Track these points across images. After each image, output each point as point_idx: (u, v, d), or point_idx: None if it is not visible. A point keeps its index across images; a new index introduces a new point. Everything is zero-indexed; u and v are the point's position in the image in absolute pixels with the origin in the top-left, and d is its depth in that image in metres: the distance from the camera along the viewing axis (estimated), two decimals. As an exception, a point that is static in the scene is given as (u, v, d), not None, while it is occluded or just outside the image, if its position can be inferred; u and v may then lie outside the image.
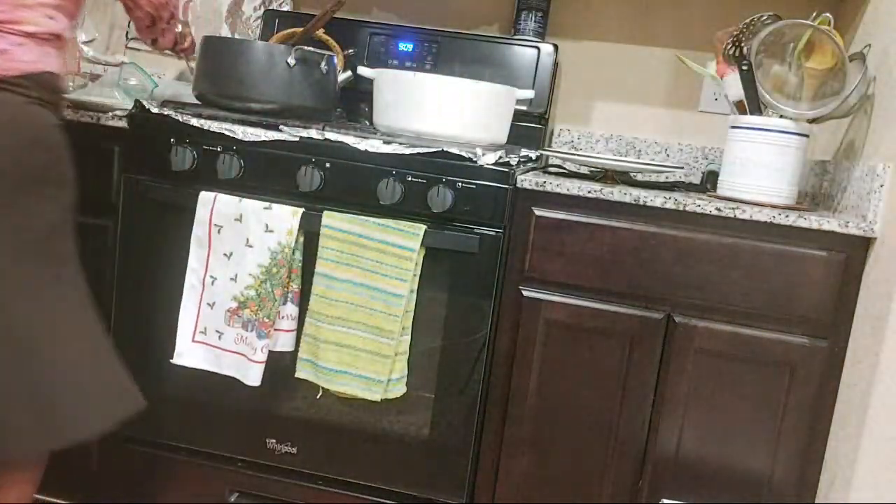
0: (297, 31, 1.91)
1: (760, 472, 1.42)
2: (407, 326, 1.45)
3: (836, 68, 1.47)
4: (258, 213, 1.45)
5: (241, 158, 1.48)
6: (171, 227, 1.53)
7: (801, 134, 1.46)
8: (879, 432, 1.28)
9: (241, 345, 1.48)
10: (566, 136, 2.04)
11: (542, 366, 1.48)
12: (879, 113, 1.45)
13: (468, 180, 1.42)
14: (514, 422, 1.50)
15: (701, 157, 1.97)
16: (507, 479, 1.51)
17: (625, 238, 1.42)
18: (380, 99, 1.56)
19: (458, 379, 1.47)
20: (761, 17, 1.50)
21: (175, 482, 1.62)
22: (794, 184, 1.47)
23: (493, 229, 1.43)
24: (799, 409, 1.39)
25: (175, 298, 1.52)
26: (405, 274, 1.41)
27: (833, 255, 1.35)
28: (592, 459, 1.48)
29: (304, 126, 1.51)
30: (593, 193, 1.42)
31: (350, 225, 1.43)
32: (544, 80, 1.88)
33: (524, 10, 1.93)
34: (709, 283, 1.40)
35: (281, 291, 1.45)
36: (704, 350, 1.41)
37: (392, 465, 1.52)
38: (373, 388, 1.44)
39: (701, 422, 1.43)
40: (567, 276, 1.45)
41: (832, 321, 1.37)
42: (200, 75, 1.58)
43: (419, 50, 1.94)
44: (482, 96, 1.51)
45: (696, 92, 1.98)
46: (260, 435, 1.56)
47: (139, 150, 1.53)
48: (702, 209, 1.38)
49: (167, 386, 1.58)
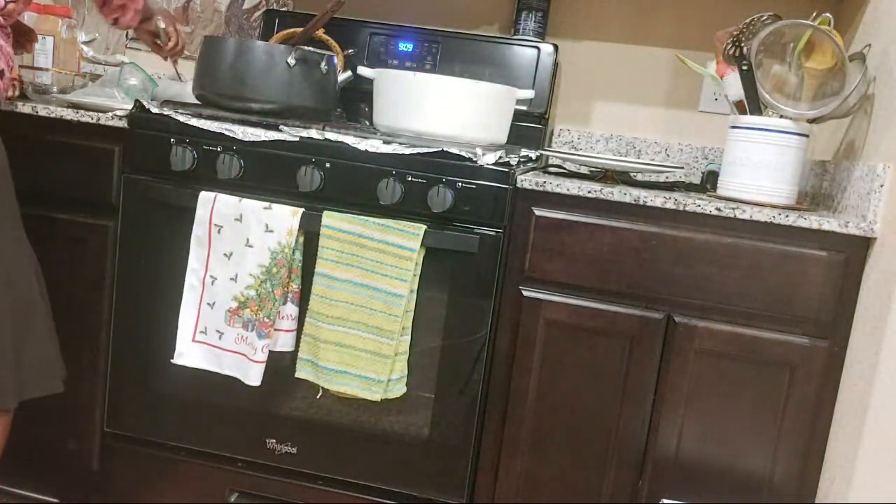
0: (297, 31, 1.91)
1: (760, 472, 1.42)
2: (407, 326, 1.45)
3: (836, 68, 1.47)
4: (258, 213, 1.45)
5: (241, 158, 1.48)
6: (171, 227, 1.53)
7: (801, 134, 1.46)
8: (879, 432, 1.28)
9: (242, 345, 1.48)
10: (566, 136, 2.04)
11: (542, 366, 1.48)
12: (879, 113, 1.45)
13: (468, 180, 1.42)
14: (514, 422, 1.50)
15: (701, 157, 1.97)
16: (507, 479, 1.51)
17: (625, 238, 1.42)
18: (380, 99, 1.56)
19: (458, 379, 1.47)
20: (761, 17, 1.50)
21: (175, 482, 1.62)
22: (794, 184, 1.47)
23: (493, 229, 1.43)
24: (799, 409, 1.39)
25: (175, 298, 1.52)
26: (405, 274, 1.41)
27: (833, 255, 1.35)
28: (592, 459, 1.48)
29: (304, 126, 1.51)
30: (593, 193, 1.42)
31: (350, 225, 1.43)
32: (544, 80, 1.88)
33: (524, 10, 1.93)
34: (709, 283, 1.40)
35: (281, 291, 1.45)
36: (704, 350, 1.41)
37: (392, 465, 1.52)
38: (373, 388, 1.44)
39: (701, 422, 1.43)
40: (567, 276, 1.45)
41: (832, 321, 1.37)
42: (200, 75, 1.58)
43: (419, 50, 1.94)
44: (482, 96, 1.51)
45: (696, 92, 1.98)
46: (260, 435, 1.56)
47: (139, 150, 1.53)
48: (702, 209, 1.38)
49: (167, 386, 1.58)
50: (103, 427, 1.64)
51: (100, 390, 1.64)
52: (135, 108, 1.54)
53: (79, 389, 1.63)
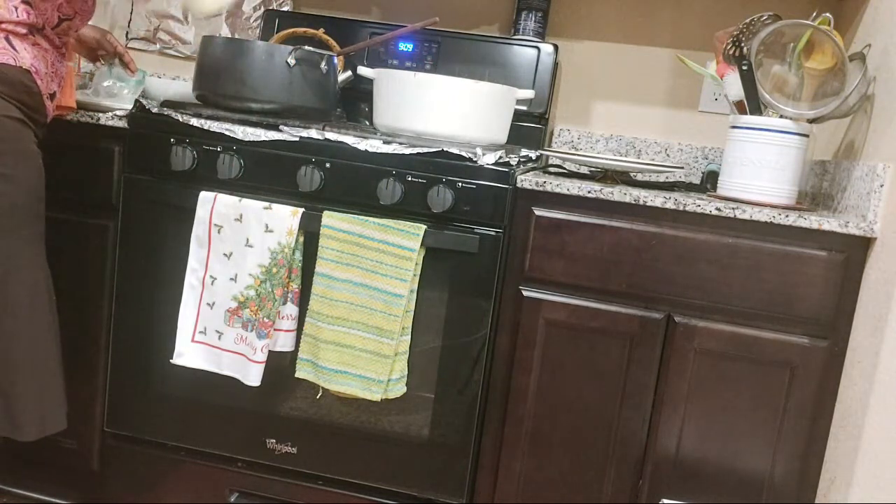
0: (297, 32, 1.91)
1: (760, 472, 1.42)
2: (407, 326, 1.45)
3: (836, 68, 1.47)
4: (258, 212, 1.45)
5: (241, 158, 1.48)
6: (171, 227, 1.53)
7: (801, 134, 1.46)
8: (879, 432, 1.28)
9: (241, 345, 1.48)
10: (566, 136, 2.04)
11: (542, 366, 1.48)
12: (879, 113, 1.45)
13: (468, 180, 1.42)
14: (514, 422, 1.50)
15: (701, 157, 1.97)
16: (507, 479, 1.51)
17: (625, 238, 1.42)
18: (380, 99, 1.56)
19: (458, 379, 1.47)
20: (761, 17, 1.50)
21: (175, 482, 1.62)
22: (794, 184, 1.47)
23: (493, 229, 1.43)
24: (799, 409, 1.39)
25: (175, 298, 1.52)
26: (405, 274, 1.41)
27: (833, 255, 1.35)
28: (592, 459, 1.48)
29: (304, 126, 1.51)
30: (593, 193, 1.42)
31: (350, 225, 1.43)
32: (544, 80, 1.88)
33: (524, 10, 1.93)
34: (709, 283, 1.40)
35: (281, 291, 1.45)
36: (704, 350, 1.41)
37: (392, 465, 1.52)
38: (373, 388, 1.44)
39: (701, 422, 1.43)
40: (567, 276, 1.45)
41: (832, 321, 1.37)
42: (200, 75, 1.58)
43: (419, 50, 1.94)
44: (482, 96, 1.51)
45: (696, 92, 1.98)
46: (260, 435, 1.56)
47: (139, 150, 1.53)
48: (702, 209, 1.38)
49: (167, 386, 1.58)
50: (103, 427, 1.64)
51: (100, 390, 1.64)
52: (135, 108, 1.54)
53: (79, 389, 1.64)
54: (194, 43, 2.20)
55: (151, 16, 2.21)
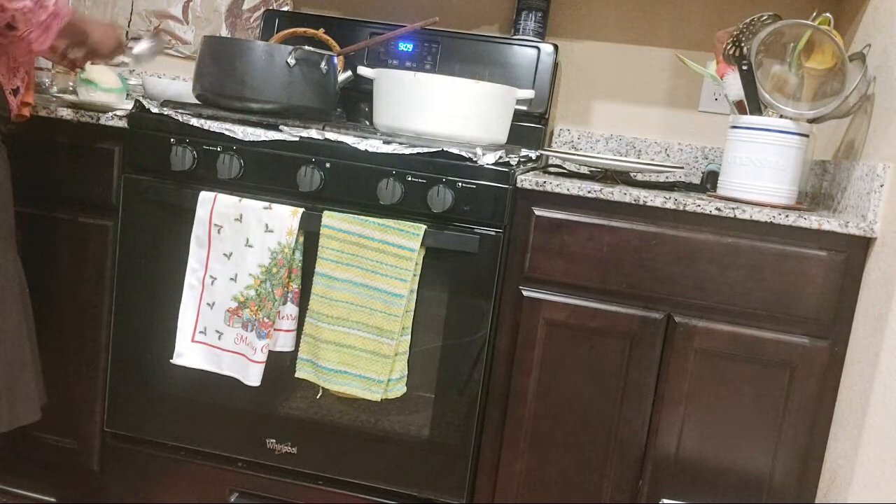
0: (297, 32, 1.91)
1: (760, 472, 1.42)
2: (407, 326, 1.45)
3: (836, 68, 1.47)
4: (258, 212, 1.45)
5: (241, 158, 1.48)
6: (171, 227, 1.53)
7: (801, 134, 1.46)
8: (879, 432, 1.28)
9: (241, 345, 1.48)
10: (566, 136, 2.04)
11: (542, 366, 1.48)
12: (879, 113, 1.45)
13: (468, 180, 1.42)
14: (514, 422, 1.50)
15: (701, 157, 1.97)
16: (507, 479, 1.51)
17: (625, 238, 1.42)
18: (380, 99, 1.56)
19: (458, 379, 1.47)
20: (761, 17, 1.50)
21: (175, 482, 1.62)
22: (794, 184, 1.47)
23: (493, 229, 1.43)
24: (799, 409, 1.39)
25: (175, 298, 1.52)
26: (405, 274, 1.41)
27: (833, 255, 1.35)
28: (592, 459, 1.48)
29: (304, 126, 1.51)
30: (593, 193, 1.42)
31: (350, 225, 1.43)
32: (544, 80, 1.88)
33: (524, 10, 1.93)
34: (709, 283, 1.40)
35: (281, 291, 1.45)
36: (704, 350, 1.41)
37: (392, 465, 1.52)
38: (373, 388, 1.44)
39: (701, 422, 1.43)
40: (567, 276, 1.45)
41: (832, 321, 1.37)
42: (200, 75, 1.58)
43: (419, 50, 1.94)
44: (482, 96, 1.51)
45: (696, 92, 1.98)
46: (260, 435, 1.56)
47: (139, 150, 1.53)
48: (702, 209, 1.38)
49: (167, 386, 1.58)
50: (103, 427, 1.64)
51: (100, 390, 1.64)
52: (135, 108, 1.54)
53: (79, 389, 1.64)
54: (194, 43, 2.20)
55: (151, 16, 2.21)
